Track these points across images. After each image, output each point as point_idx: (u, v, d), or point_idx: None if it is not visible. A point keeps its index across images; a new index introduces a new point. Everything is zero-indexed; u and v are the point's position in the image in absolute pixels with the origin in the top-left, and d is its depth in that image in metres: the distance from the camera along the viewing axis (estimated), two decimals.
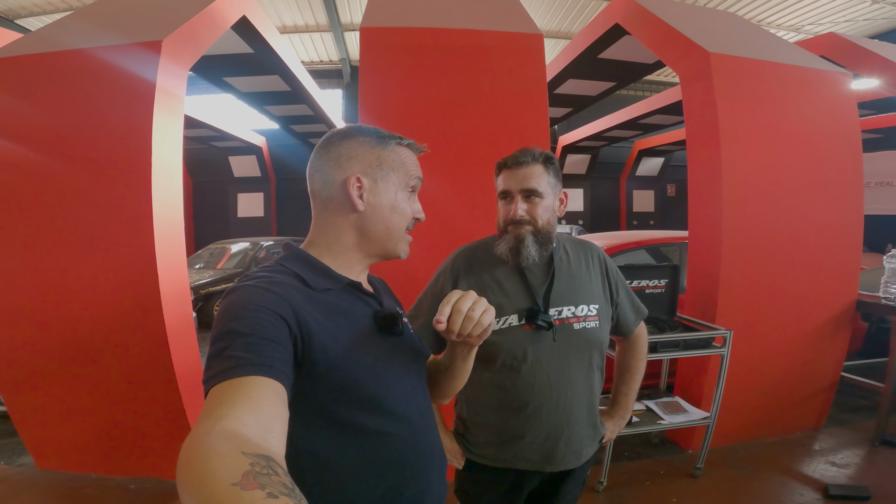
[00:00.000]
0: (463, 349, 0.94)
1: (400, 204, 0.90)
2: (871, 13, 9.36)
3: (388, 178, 0.89)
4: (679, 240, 3.84)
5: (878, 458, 2.92)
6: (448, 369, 1.00)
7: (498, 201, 1.32)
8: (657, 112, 7.23)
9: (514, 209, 1.25)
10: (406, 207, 0.91)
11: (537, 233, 1.26)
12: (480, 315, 0.79)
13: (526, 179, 1.24)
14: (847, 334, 3.23)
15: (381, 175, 0.88)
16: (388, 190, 0.89)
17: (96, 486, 2.66)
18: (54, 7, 8.46)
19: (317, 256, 0.88)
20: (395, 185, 0.89)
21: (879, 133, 7.20)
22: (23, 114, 2.51)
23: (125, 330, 2.53)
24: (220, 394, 0.61)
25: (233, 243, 8.07)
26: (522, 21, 2.84)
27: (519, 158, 1.26)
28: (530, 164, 1.25)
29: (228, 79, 5.02)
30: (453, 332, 0.79)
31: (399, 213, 0.90)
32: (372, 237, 0.89)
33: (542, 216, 1.25)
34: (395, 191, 0.89)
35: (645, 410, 2.80)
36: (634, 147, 11.19)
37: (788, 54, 3.22)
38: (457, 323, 0.78)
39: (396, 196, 0.89)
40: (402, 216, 0.90)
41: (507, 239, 1.27)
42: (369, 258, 0.92)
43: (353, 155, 0.88)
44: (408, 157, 0.92)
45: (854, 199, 3.17)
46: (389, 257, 0.93)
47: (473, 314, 0.79)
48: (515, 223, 1.25)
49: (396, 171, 0.90)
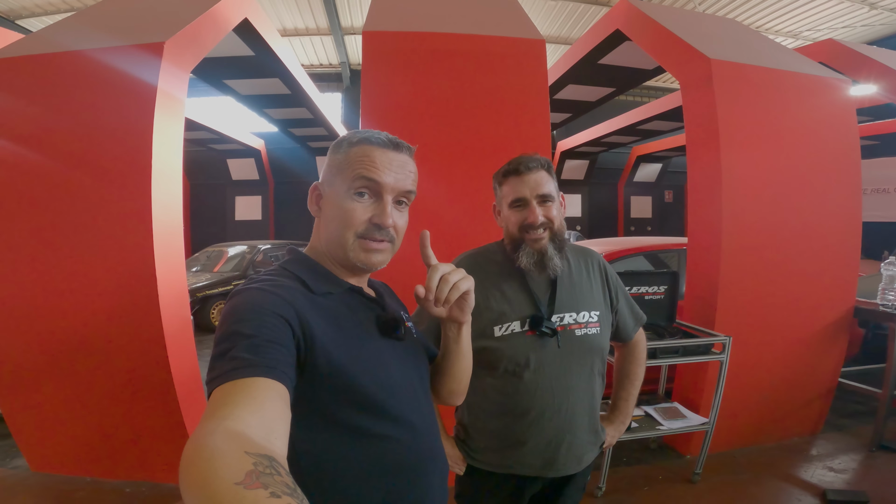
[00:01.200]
0: (452, 328, 0.95)
1: (342, 207, 0.84)
2: (869, 19, 9.45)
3: (334, 182, 0.86)
4: (678, 246, 3.85)
5: (876, 463, 2.92)
6: (444, 356, 1.01)
7: (505, 210, 1.31)
8: (655, 118, 7.27)
9: (534, 214, 1.25)
10: (351, 211, 0.84)
11: (554, 237, 1.27)
12: (458, 280, 0.82)
13: (538, 185, 1.25)
14: (845, 341, 3.24)
15: (331, 180, 0.87)
16: (334, 194, 0.86)
17: (91, 490, 2.64)
18: (55, 8, 8.47)
19: (318, 261, 0.89)
20: (340, 189, 0.85)
21: (876, 140, 7.23)
22: (23, 115, 2.51)
23: (122, 332, 2.52)
24: (224, 394, 0.61)
25: (230, 246, 8.06)
26: (524, 26, 2.85)
27: (528, 164, 1.26)
28: (538, 169, 1.27)
29: (229, 81, 5.03)
30: (431, 292, 0.80)
31: (341, 217, 0.84)
32: (330, 245, 0.87)
33: (557, 218, 1.27)
34: (338, 195, 0.85)
35: (644, 416, 2.79)
36: (633, 153, 11.23)
37: (788, 61, 3.25)
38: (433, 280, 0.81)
39: (339, 200, 0.85)
40: (345, 221, 0.84)
41: (528, 252, 1.26)
42: (342, 267, 0.88)
43: (323, 165, 0.92)
44: (358, 156, 0.85)
45: (852, 205, 3.19)
46: (355, 268, 0.87)
47: (450, 277, 0.82)
48: (535, 229, 1.25)
49: (342, 173, 0.85)
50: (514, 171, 1.28)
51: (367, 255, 0.85)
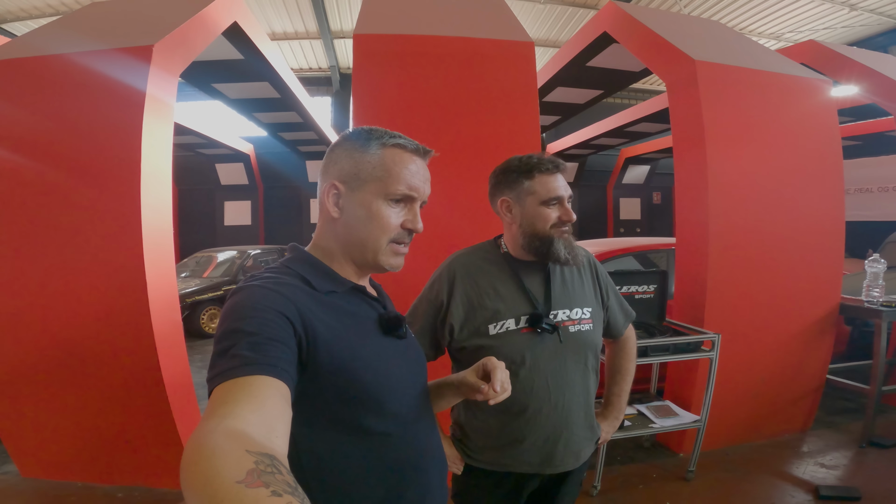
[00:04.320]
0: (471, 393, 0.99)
1: (376, 212, 0.84)
2: (850, 20, 9.62)
3: (365, 185, 0.84)
4: (666, 246, 3.89)
5: (867, 459, 2.96)
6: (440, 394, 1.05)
7: (533, 206, 1.30)
8: (643, 120, 7.34)
9: (570, 212, 1.31)
10: (387, 218, 0.85)
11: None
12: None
13: (565, 185, 1.32)
14: (832, 337, 3.29)
15: (359, 182, 0.84)
16: (363, 198, 0.84)
17: (82, 495, 2.61)
18: (41, 12, 8.37)
19: (320, 259, 0.88)
20: (373, 194, 0.84)
21: (858, 140, 7.36)
22: (10, 119, 2.48)
23: (113, 336, 2.49)
24: (225, 392, 0.61)
25: (219, 252, 7.99)
26: (514, 29, 2.88)
27: (558, 164, 1.32)
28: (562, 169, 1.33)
29: (217, 85, 5.01)
30: (507, 391, 0.90)
31: (375, 222, 0.84)
32: (351, 246, 0.87)
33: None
34: (371, 199, 0.84)
35: (636, 414, 2.81)
36: (621, 155, 11.32)
37: (771, 62, 3.30)
38: (507, 378, 0.90)
39: (372, 205, 0.84)
40: (380, 226, 0.84)
41: (563, 244, 1.30)
42: (358, 266, 0.89)
43: (336, 160, 0.87)
44: (396, 164, 0.85)
45: (835, 203, 3.25)
46: (375, 269, 0.89)
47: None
48: (565, 226, 1.31)
49: (377, 178, 0.84)
50: (548, 169, 1.30)
51: (395, 259, 0.88)
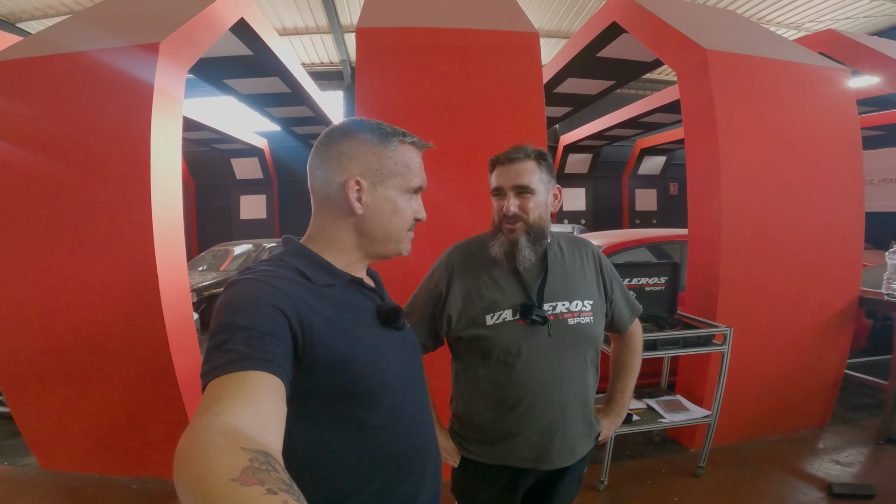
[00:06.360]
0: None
1: (401, 207, 0.88)
2: (872, 10, 9.31)
3: (389, 181, 0.87)
4: (680, 237, 3.82)
5: (883, 456, 2.89)
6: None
7: (492, 198, 1.33)
8: (658, 110, 7.22)
9: (507, 205, 1.25)
10: (407, 210, 0.89)
11: (529, 229, 1.26)
12: None
13: (518, 176, 1.25)
14: (850, 331, 3.20)
15: (382, 178, 0.86)
16: (387, 193, 0.87)
17: (99, 487, 2.67)
18: (55, 10, 8.50)
19: (317, 252, 0.87)
20: (396, 189, 0.87)
21: (882, 130, 7.16)
22: (23, 117, 2.53)
23: (126, 331, 2.54)
24: (219, 388, 0.61)
25: (236, 245, 8.08)
26: (518, 20, 2.84)
27: (511, 155, 1.26)
28: (522, 160, 1.26)
29: (228, 81, 5.04)
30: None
31: (400, 216, 0.89)
32: (371, 239, 0.88)
33: (533, 211, 1.25)
34: (395, 194, 0.87)
35: (646, 409, 2.78)
36: (636, 146, 11.15)
37: (786, 51, 3.21)
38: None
39: (397, 199, 0.88)
40: (403, 219, 0.89)
41: (501, 241, 1.27)
42: (369, 258, 0.92)
43: (354, 154, 0.85)
44: (412, 158, 0.89)
45: (854, 195, 3.15)
46: (390, 257, 0.93)
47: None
48: (508, 219, 1.26)
49: (399, 174, 0.87)
50: (498, 160, 1.29)
51: (407, 245, 0.94)
